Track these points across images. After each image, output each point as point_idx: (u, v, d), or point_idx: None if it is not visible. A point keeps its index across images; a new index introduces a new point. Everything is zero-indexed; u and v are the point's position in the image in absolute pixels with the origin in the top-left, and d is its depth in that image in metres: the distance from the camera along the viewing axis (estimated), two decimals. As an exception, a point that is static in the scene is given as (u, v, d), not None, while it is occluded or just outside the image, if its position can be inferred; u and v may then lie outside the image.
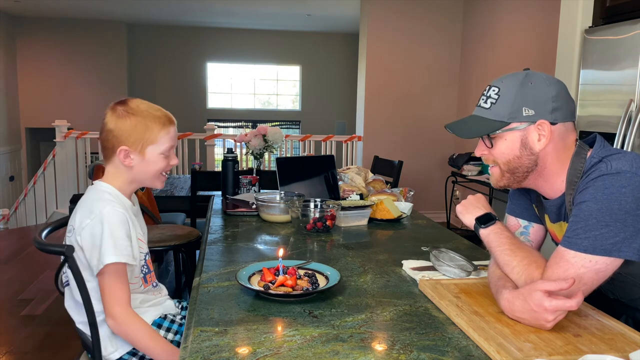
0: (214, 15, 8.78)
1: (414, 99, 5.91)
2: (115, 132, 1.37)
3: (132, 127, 1.37)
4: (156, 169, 1.43)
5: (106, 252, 1.29)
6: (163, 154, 1.42)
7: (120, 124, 1.37)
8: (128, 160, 1.38)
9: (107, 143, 1.39)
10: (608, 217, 1.05)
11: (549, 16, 4.21)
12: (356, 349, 0.99)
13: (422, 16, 5.80)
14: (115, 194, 1.40)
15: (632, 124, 2.46)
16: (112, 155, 1.39)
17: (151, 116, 1.40)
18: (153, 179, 1.45)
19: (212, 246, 1.72)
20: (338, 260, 1.58)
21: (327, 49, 10.31)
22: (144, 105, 1.42)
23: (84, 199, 1.40)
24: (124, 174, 1.41)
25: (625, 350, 0.99)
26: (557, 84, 1.16)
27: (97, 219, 1.31)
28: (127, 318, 1.31)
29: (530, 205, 1.36)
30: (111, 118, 1.38)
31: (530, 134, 1.15)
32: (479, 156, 1.25)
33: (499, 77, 1.21)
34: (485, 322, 1.09)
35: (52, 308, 3.34)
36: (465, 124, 1.22)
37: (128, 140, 1.37)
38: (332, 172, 2.39)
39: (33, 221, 6.08)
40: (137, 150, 1.38)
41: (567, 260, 1.08)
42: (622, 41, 2.58)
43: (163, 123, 1.41)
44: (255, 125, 5.19)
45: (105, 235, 1.30)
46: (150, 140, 1.39)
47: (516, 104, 1.14)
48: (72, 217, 1.41)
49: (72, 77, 9.25)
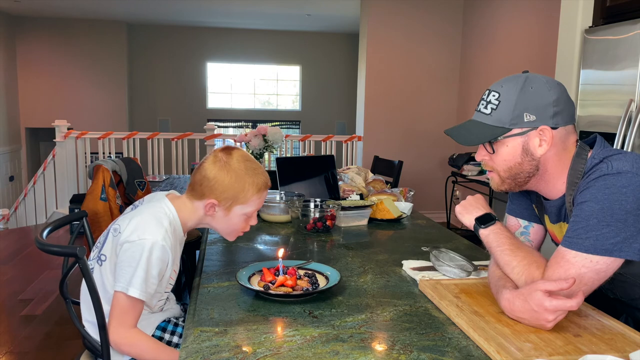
0: (214, 15, 8.78)
1: (414, 99, 5.91)
2: (213, 182, 1.33)
3: (230, 185, 1.33)
4: (234, 227, 1.40)
5: (135, 284, 1.26)
6: (246, 215, 1.39)
7: (220, 176, 1.33)
8: (211, 212, 1.36)
9: (199, 187, 1.36)
10: (609, 217, 1.05)
11: (549, 16, 4.21)
12: (356, 349, 0.99)
13: (422, 16, 5.80)
14: (176, 222, 1.36)
15: (632, 124, 2.46)
16: (198, 200, 1.36)
17: (251, 179, 1.36)
18: (227, 234, 1.43)
19: (212, 246, 1.72)
20: (338, 260, 1.58)
21: (327, 49, 10.31)
22: (247, 162, 1.38)
23: (144, 208, 1.36)
24: (198, 215, 1.38)
25: (625, 350, 0.99)
26: (557, 87, 1.15)
27: (143, 244, 1.27)
28: (128, 339, 1.30)
29: (530, 205, 1.36)
30: (212, 166, 1.34)
31: (531, 139, 1.15)
32: (479, 161, 1.24)
33: (498, 80, 1.20)
34: (485, 322, 1.09)
35: (52, 308, 3.34)
36: (466, 130, 1.21)
37: (221, 196, 1.34)
38: (332, 172, 2.39)
39: (33, 221, 6.08)
40: (224, 207, 1.36)
41: (567, 260, 1.08)
42: (622, 41, 2.58)
43: (259, 188, 1.37)
44: (255, 125, 5.19)
45: (141, 267, 1.26)
46: (240, 201, 1.36)
47: (517, 109, 1.13)
48: (123, 217, 1.37)
49: (72, 77, 9.24)
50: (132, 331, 1.30)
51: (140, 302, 1.30)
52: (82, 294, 1.43)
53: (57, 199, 5.90)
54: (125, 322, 1.29)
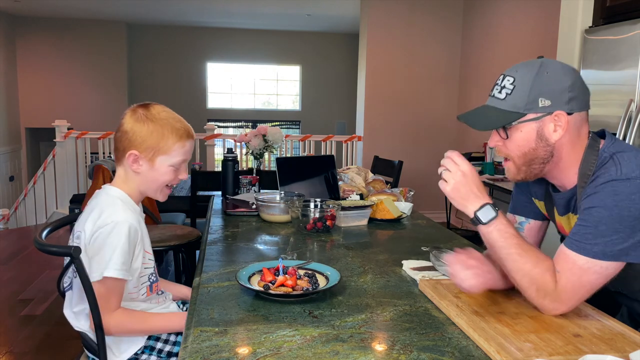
0: (214, 15, 8.78)
1: (414, 99, 5.91)
2: (130, 134, 1.34)
3: (148, 133, 1.34)
4: (162, 180, 1.39)
5: (111, 265, 1.27)
6: (173, 167, 1.39)
7: (137, 127, 1.34)
8: (136, 166, 1.36)
9: (119, 144, 1.36)
10: (618, 224, 1.05)
11: (549, 16, 4.21)
12: (356, 349, 0.99)
13: (422, 16, 5.80)
14: (126, 199, 1.38)
15: (632, 124, 2.46)
16: (123, 158, 1.37)
17: (170, 126, 1.36)
18: (156, 190, 1.42)
19: (212, 246, 1.72)
20: (338, 260, 1.58)
21: (327, 49, 10.31)
22: (165, 113, 1.38)
23: (94, 203, 1.37)
24: (134, 179, 1.39)
25: (625, 350, 0.99)
26: (572, 73, 1.14)
27: (110, 227, 1.28)
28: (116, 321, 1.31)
29: (530, 201, 1.35)
30: (129, 119, 1.35)
31: (546, 125, 1.13)
32: (492, 147, 1.21)
33: (513, 65, 1.17)
34: (485, 322, 1.09)
35: (52, 308, 3.34)
36: (480, 115, 1.19)
37: (141, 146, 1.34)
38: (332, 172, 2.39)
39: (33, 221, 6.08)
40: (147, 158, 1.35)
41: (580, 266, 1.08)
42: (622, 41, 2.58)
43: (180, 135, 1.37)
44: (255, 125, 5.19)
45: (114, 247, 1.27)
46: (162, 150, 1.35)
47: (532, 94, 1.12)
48: (79, 222, 1.38)
49: (72, 77, 9.24)
50: (117, 312, 1.32)
51: (118, 283, 1.31)
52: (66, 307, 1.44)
53: (57, 199, 5.90)
54: (109, 307, 1.30)
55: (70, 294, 1.42)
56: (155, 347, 1.40)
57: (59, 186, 5.87)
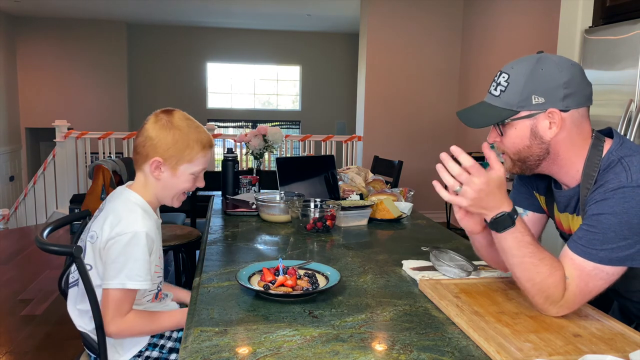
0: (214, 15, 8.78)
1: (414, 99, 5.91)
2: (155, 141, 1.33)
3: (173, 142, 1.33)
4: (182, 187, 1.40)
5: (134, 276, 1.27)
6: (193, 175, 1.39)
7: (162, 134, 1.33)
8: (157, 172, 1.35)
9: (142, 149, 1.35)
10: (627, 231, 1.05)
11: (549, 16, 4.21)
12: (356, 349, 0.99)
13: (422, 16, 5.80)
14: (146, 207, 1.37)
15: (632, 124, 2.46)
16: (144, 164, 1.36)
17: (195, 135, 1.36)
18: (173, 197, 1.42)
19: (212, 246, 1.72)
20: (338, 260, 1.58)
21: (327, 49, 10.31)
22: (189, 121, 1.38)
23: (112, 207, 1.36)
24: (153, 186, 1.38)
25: (625, 350, 0.99)
26: (570, 68, 1.11)
27: (129, 236, 1.28)
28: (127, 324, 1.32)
29: (532, 194, 1.34)
30: (153, 126, 1.34)
31: (540, 122, 1.12)
32: (491, 143, 1.20)
33: (510, 62, 1.16)
34: (485, 322, 1.09)
35: (52, 308, 3.34)
36: (475, 112, 1.19)
37: (165, 153, 1.33)
38: (332, 172, 2.39)
39: (33, 221, 6.08)
40: (170, 165, 1.35)
41: (588, 272, 1.07)
42: (622, 41, 2.58)
43: (204, 145, 1.38)
44: (255, 125, 5.19)
45: (135, 258, 1.28)
46: (186, 159, 1.36)
47: (525, 91, 1.11)
48: (96, 222, 1.37)
49: (72, 77, 9.24)
50: (130, 315, 1.33)
51: (135, 292, 1.32)
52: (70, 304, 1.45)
53: (57, 199, 5.90)
54: (122, 312, 1.31)
55: (75, 291, 1.41)
56: (157, 344, 1.41)
57: (59, 186, 5.87)
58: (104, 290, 1.30)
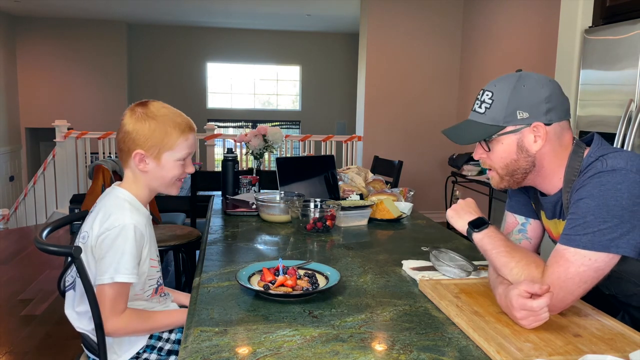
0: (214, 15, 8.78)
1: (414, 99, 5.91)
2: (133, 134, 1.33)
3: (151, 132, 1.33)
4: (171, 175, 1.39)
5: (122, 269, 1.27)
6: (179, 161, 1.39)
7: (139, 126, 1.33)
8: (142, 165, 1.35)
9: (123, 145, 1.35)
10: (605, 214, 1.06)
11: (549, 16, 4.21)
12: (356, 349, 0.99)
13: (422, 16, 5.80)
14: (134, 202, 1.37)
15: (632, 124, 2.46)
16: (128, 159, 1.36)
17: (171, 121, 1.36)
18: (167, 186, 1.42)
19: (212, 246, 1.72)
20: (338, 260, 1.58)
21: (327, 49, 10.31)
22: (165, 109, 1.38)
23: (101, 205, 1.37)
24: (141, 180, 1.38)
25: (625, 350, 0.99)
26: (549, 84, 1.17)
27: (117, 230, 1.28)
28: (124, 323, 1.32)
29: (529, 202, 1.37)
30: (130, 120, 1.34)
31: (525, 136, 1.17)
32: (477, 159, 1.26)
33: (492, 80, 1.22)
34: (485, 322, 1.09)
35: (52, 308, 3.34)
36: (461, 130, 1.24)
37: (145, 145, 1.33)
38: (332, 172, 2.39)
39: (33, 221, 6.08)
40: (152, 156, 1.35)
41: (567, 258, 1.08)
42: (622, 41, 2.58)
43: (182, 130, 1.37)
44: (255, 125, 5.19)
45: (123, 251, 1.27)
46: (167, 147, 1.35)
47: (510, 107, 1.16)
48: (86, 222, 1.38)
49: (72, 77, 9.24)
50: (125, 313, 1.32)
51: (127, 286, 1.31)
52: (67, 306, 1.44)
53: (57, 199, 5.90)
54: (117, 310, 1.31)
55: (72, 294, 1.41)
56: (156, 346, 1.41)
57: (59, 186, 5.87)
58: (98, 287, 1.29)
